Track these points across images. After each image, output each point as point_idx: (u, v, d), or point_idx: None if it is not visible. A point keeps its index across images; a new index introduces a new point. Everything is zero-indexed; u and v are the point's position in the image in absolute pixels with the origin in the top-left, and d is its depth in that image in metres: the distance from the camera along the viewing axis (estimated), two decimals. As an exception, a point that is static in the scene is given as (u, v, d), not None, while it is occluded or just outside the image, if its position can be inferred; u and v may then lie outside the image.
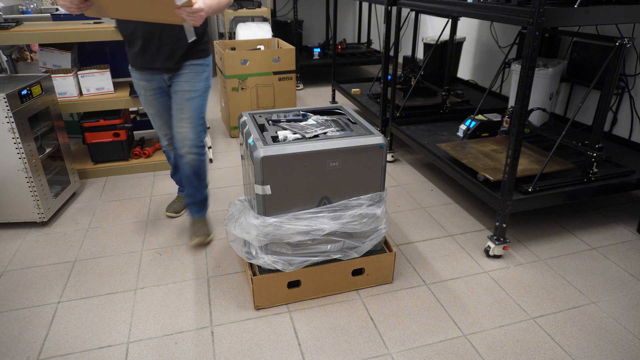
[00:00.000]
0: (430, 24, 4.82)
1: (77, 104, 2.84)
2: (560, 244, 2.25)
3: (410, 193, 2.79)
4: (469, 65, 4.29)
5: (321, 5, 5.78)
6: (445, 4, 2.37)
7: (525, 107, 1.91)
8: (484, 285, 1.98)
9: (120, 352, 1.65)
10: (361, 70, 5.91)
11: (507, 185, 2.03)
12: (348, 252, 1.82)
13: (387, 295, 1.92)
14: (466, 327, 1.75)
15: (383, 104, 3.23)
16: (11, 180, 2.29)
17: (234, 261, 2.15)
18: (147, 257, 2.18)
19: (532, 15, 1.74)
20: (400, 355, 1.63)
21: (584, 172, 2.26)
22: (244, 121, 1.90)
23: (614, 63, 2.04)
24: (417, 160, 3.26)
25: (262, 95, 3.64)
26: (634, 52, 2.70)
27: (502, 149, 2.57)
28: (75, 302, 1.90)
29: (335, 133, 1.77)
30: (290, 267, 1.76)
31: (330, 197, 1.75)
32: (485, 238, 2.31)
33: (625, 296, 1.90)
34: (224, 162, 3.23)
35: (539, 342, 1.68)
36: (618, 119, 2.86)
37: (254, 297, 1.82)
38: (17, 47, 3.19)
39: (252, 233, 1.70)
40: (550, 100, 3.00)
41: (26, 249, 2.24)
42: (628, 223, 2.42)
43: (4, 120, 2.16)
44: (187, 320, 1.79)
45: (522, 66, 1.85)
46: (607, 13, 1.87)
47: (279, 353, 1.64)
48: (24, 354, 1.64)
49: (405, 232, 2.37)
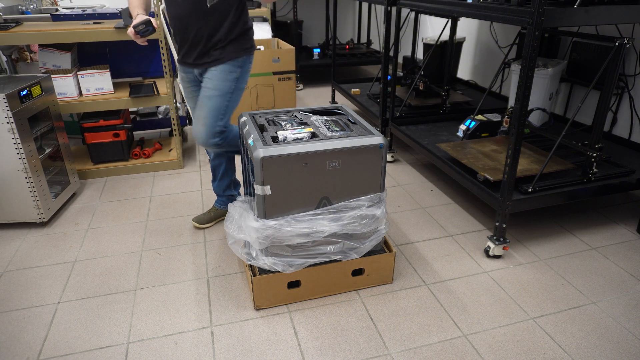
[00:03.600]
0: (430, 24, 4.82)
1: (77, 104, 2.84)
2: (560, 244, 2.25)
3: (410, 193, 2.79)
4: (469, 65, 4.29)
5: (321, 6, 5.78)
6: (445, 4, 2.37)
7: (525, 107, 1.91)
8: (484, 285, 1.98)
9: (120, 352, 1.65)
10: (361, 71, 5.91)
11: (507, 186, 2.04)
12: (348, 253, 1.82)
13: (387, 295, 1.92)
14: (466, 327, 1.75)
15: (383, 104, 3.23)
16: (11, 180, 2.29)
17: (233, 261, 2.15)
18: (147, 257, 2.18)
19: (531, 16, 1.74)
20: (400, 355, 1.63)
21: (584, 172, 2.26)
22: (244, 121, 1.90)
23: (613, 63, 2.04)
24: (417, 161, 3.26)
25: (262, 95, 3.65)
26: (633, 52, 2.70)
27: (502, 149, 2.57)
28: (75, 302, 1.90)
29: (335, 133, 1.77)
30: (290, 269, 1.76)
31: (330, 197, 1.75)
32: (485, 238, 2.31)
33: (625, 296, 1.90)
34: (223, 163, 3.23)
35: (539, 342, 1.68)
36: (618, 119, 2.86)
37: (253, 297, 1.82)
38: (17, 47, 3.19)
39: (252, 236, 1.70)
40: (550, 101, 3.00)
41: (26, 249, 2.24)
42: (628, 223, 2.42)
43: (3, 121, 2.16)
44: (187, 321, 1.79)
45: (522, 66, 1.85)
46: (607, 13, 1.87)
47: (279, 353, 1.64)
48: (24, 354, 1.64)
49: (405, 232, 2.37)
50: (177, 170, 3.10)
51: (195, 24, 1.90)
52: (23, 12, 3.43)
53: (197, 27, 1.91)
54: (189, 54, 2.00)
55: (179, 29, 1.96)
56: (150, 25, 1.88)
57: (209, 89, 2.00)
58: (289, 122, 1.88)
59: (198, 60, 1.99)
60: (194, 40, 1.94)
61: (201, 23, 1.90)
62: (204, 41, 1.94)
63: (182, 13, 1.90)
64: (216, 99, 1.99)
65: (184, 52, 2.01)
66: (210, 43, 1.94)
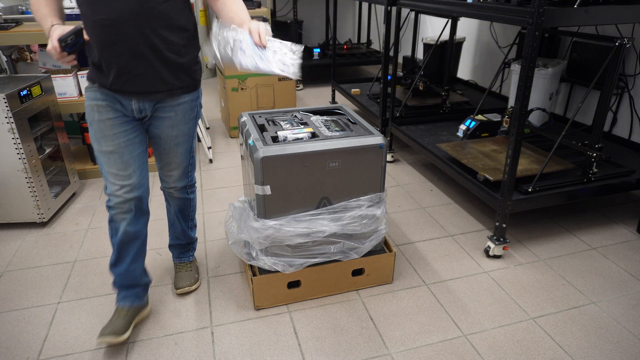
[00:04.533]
0: (430, 24, 4.82)
1: (77, 104, 2.84)
2: (560, 244, 2.25)
3: (410, 193, 2.79)
4: (469, 65, 4.29)
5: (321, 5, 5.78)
6: (445, 4, 2.37)
7: (525, 107, 1.91)
8: (484, 285, 1.98)
9: (120, 352, 1.65)
10: (361, 71, 5.91)
11: (507, 186, 2.03)
12: (348, 253, 1.82)
13: (387, 295, 1.92)
14: (466, 327, 1.75)
15: (383, 104, 3.23)
16: (11, 180, 2.29)
17: (233, 261, 2.15)
18: (147, 257, 2.17)
19: (531, 16, 1.74)
20: (400, 355, 1.63)
21: (584, 172, 2.26)
22: (244, 121, 1.90)
23: (613, 63, 2.04)
24: (417, 160, 3.26)
25: (262, 95, 3.64)
26: (633, 52, 2.70)
27: (502, 149, 2.57)
28: (75, 302, 1.90)
29: (335, 133, 1.78)
30: (290, 269, 1.76)
31: (330, 197, 1.75)
32: (485, 238, 2.31)
33: (625, 296, 1.90)
34: (224, 162, 3.23)
35: (539, 342, 1.68)
36: (618, 119, 2.86)
37: (254, 297, 1.82)
38: (17, 47, 3.19)
39: (252, 236, 1.70)
40: (550, 100, 3.00)
41: (26, 249, 2.24)
42: (628, 223, 2.42)
43: (3, 121, 2.16)
44: (187, 320, 1.79)
45: (522, 66, 1.85)
46: (607, 13, 1.87)
47: (279, 353, 1.64)
48: (24, 354, 1.64)
49: (405, 233, 2.37)
50: (177, 170, 3.10)
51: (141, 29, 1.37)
52: (23, 12, 3.43)
53: (145, 36, 1.39)
54: (132, 78, 1.44)
55: (113, 39, 1.37)
56: (81, 36, 1.36)
57: (174, 137, 1.63)
58: (289, 122, 1.88)
59: (149, 88, 1.48)
60: (142, 56, 1.41)
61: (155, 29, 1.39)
62: (159, 58, 1.44)
63: (120, 15, 1.34)
64: (186, 143, 1.69)
65: (118, 74, 1.43)
66: (169, 61, 1.46)
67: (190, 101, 1.61)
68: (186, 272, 1.96)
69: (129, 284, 1.68)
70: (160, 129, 1.61)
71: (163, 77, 1.48)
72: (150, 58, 1.43)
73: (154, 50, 1.42)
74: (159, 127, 1.61)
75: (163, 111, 1.57)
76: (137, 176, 1.58)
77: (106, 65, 1.43)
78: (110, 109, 1.51)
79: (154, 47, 1.41)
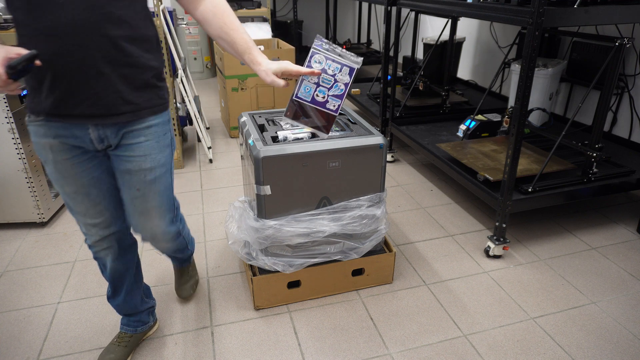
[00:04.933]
0: (430, 24, 4.82)
1: (77, 104, 2.83)
2: (560, 244, 2.25)
3: (410, 193, 2.79)
4: (469, 65, 4.29)
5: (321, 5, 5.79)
6: (445, 4, 2.37)
7: (525, 107, 1.91)
8: (484, 285, 1.98)
9: (120, 352, 1.65)
10: (361, 70, 5.90)
11: (507, 186, 2.04)
12: (348, 253, 1.82)
13: (387, 295, 1.92)
14: (466, 327, 1.75)
15: (383, 104, 3.23)
16: (11, 180, 2.29)
17: (233, 261, 2.15)
18: (147, 257, 2.18)
19: (531, 16, 1.74)
20: (400, 355, 1.63)
21: (584, 172, 2.26)
22: (244, 121, 1.90)
23: (613, 63, 2.04)
24: (417, 160, 3.26)
25: (262, 95, 3.64)
26: (633, 52, 2.70)
27: (502, 149, 2.57)
28: (75, 302, 1.90)
29: (335, 133, 1.78)
30: (290, 269, 1.76)
31: (330, 197, 1.75)
32: (485, 238, 2.31)
33: (625, 296, 1.90)
34: (224, 162, 3.23)
35: (539, 342, 1.68)
36: (618, 119, 2.86)
37: (254, 297, 1.82)
38: (17, 47, 3.19)
39: (252, 236, 1.70)
40: (550, 100, 3.00)
41: (26, 249, 2.24)
42: (628, 223, 2.42)
43: (3, 121, 2.16)
44: (187, 320, 1.79)
45: (522, 66, 1.85)
46: (607, 13, 1.87)
47: (279, 353, 1.64)
48: (24, 354, 1.64)
49: (405, 233, 2.37)
50: (177, 170, 3.10)
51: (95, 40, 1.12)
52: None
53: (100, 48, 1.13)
54: (85, 99, 1.17)
55: (60, 52, 1.11)
56: (33, 61, 1.05)
57: (149, 170, 1.32)
58: (289, 122, 1.88)
59: (107, 110, 1.20)
60: (98, 72, 1.15)
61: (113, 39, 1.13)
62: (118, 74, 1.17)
63: (69, 22, 1.08)
64: (164, 178, 1.38)
65: (67, 95, 1.16)
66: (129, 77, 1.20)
67: (161, 124, 1.32)
68: (190, 277, 1.92)
69: (130, 312, 1.61)
70: (130, 161, 1.30)
71: (124, 96, 1.20)
72: (108, 74, 1.16)
73: (112, 65, 1.15)
74: (128, 159, 1.30)
75: (131, 137, 1.28)
76: (110, 212, 1.38)
77: (50, 85, 1.15)
78: (65, 147, 1.25)
79: (111, 61, 1.15)
